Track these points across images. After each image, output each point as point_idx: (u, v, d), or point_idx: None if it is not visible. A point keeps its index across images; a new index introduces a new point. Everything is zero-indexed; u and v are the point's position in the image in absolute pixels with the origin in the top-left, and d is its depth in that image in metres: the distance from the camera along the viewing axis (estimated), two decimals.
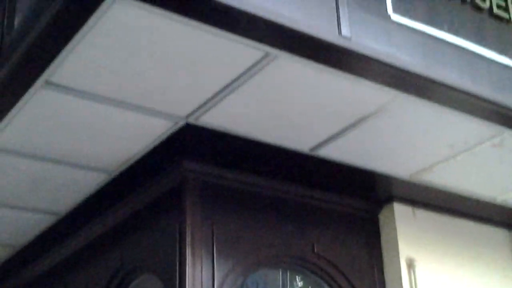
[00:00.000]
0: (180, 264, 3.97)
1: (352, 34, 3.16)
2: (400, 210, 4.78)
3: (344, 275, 4.40)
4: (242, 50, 3.16)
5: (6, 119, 3.71)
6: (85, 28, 2.95)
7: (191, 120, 3.77)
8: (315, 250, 4.36)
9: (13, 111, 3.64)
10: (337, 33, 3.13)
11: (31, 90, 3.45)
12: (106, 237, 4.76)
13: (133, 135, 3.95)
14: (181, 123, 3.81)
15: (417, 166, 4.32)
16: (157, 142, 4.02)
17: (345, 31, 3.12)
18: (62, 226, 5.04)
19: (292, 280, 4.56)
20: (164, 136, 3.97)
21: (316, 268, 4.37)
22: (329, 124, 3.81)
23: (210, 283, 3.97)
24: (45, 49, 3.15)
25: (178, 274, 3.95)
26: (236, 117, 3.74)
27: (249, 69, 3.32)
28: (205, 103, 3.61)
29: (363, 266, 4.56)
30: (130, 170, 4.30)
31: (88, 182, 4.47)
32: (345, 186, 4.53)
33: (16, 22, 3.55)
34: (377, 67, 3.30)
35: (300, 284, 4.63)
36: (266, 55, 3.19)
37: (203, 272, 3.96)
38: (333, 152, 4.10)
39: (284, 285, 4.51)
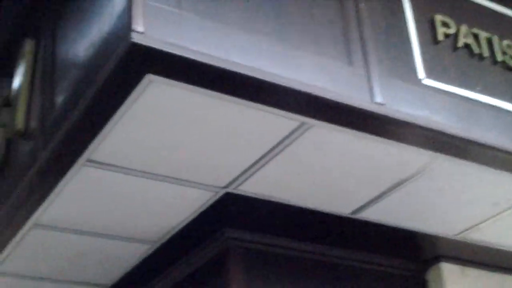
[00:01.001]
0: None
1: (385, 100, 3.17)
2: (448, 269, 4.69)
3: None
4: (278, 121, 3.19)
5: (50, 197, 3.79)
6: (122, 108, 3.02)
7: (231, 190, 3.80)
8: None
9: (57, 189, 3.72)
10: (369, 100, 3.14)
11: (74, 168, 3.52)
12: None
13: (174, 206, 3.99)
14: (221, 192, 3.84)
15: (462, 225, 4.26)
16: (198, 212, 4.04)
17: (378, 98, 3.13)
18: None
19: None
20: (205, 206, 3.99)
21: None
22: (368, 188, 3.79)
23: None
24: (85, 129, 3.23)
25: None
26: (275, 185, 3.75)
27: (285, 138, 3.34)
28: (243, 173, 3.63)
29: None
30: (173, 241, 4.33)
31: (131, 254, 4.51)
32: (390, 247, 4.47)
33: (57, 103, 3.65)
34: (413, 130, 3.29)
35: None
36: (302, 124, 3.22)
37: None
38: (375, 214, 4.07)
39: None
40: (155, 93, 2.94)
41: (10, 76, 4.45)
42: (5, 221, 4.16)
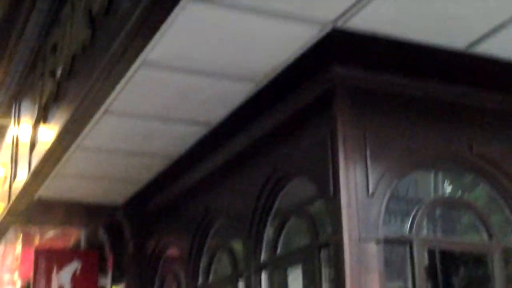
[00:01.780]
0: (333, 168, 4.01)
1: None
2: None
3: (507, 173, 4.28)
4: None
5: (157, 34, 3.80)
6: None
7: (338, 25, 3.70)
8: (474, 149, 4.25)
9: (164, 26, 3.72)
10: None
11: (181, 4, 3.49)
12: (256, 145, 4.85)
13: (280, 43, 3.95)
14: (328, 28, 3.76)
15: None
16: (304, 49, 4.00)
17: None
18: (213, 136, 5.18)
19: (442, 183, 4.50)
20: (311, 43, 3.94)
21: (474, 168, 4.28)
22: (489, 16, 3.60)
23: (364, 186, 3.99)
24: None
25: (332, 178, 3.99)
26: (386, 18, 3.64)
27: None
28: (352, 7, 3.52)
29: None
30: (278, 79, 4.33)
31: (237, 93, 4.55)
32: (504, 83, 4.33)
33: None
34: None
35: (449, 188, 4.57)
36: None
37: (356, 176, 3.98)
38: (492, 48, 3.90)
39: (436, 189, 4.46)
40: None
41: None
42: (114, 60, 4.22)
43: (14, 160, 7.13)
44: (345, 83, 4.04)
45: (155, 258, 6.58)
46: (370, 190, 3.99)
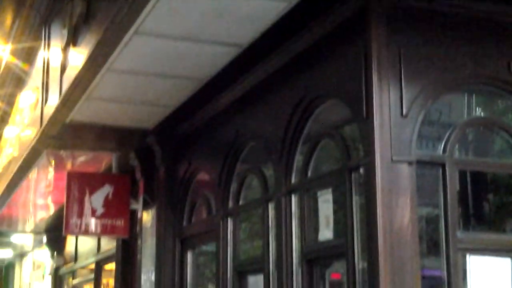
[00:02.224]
0: (366, 88, 3.95)
1: None
2: None
3: None
4: None
5: None
6: None
7: None
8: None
9: None
10: None
11: None
12: (288, 67, 4.79)
13: None
14: None
15: None
16: None
17: None
18: (245, 58, 5.11)
19: (476, 105, 4.41)
20: None
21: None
22: None
23: (398, 107, 3.93)
24: None
25: (365, 98, 3.94)
26: None
27: None
28: None
29: None
30: None
31: (269, 12, 4.46)
32: None
33: None
34: None
35: (483, 111, 4.48)
36: None
37: (390, 96, 3.92)
38: None
39: (469, 111, 4.38)
40: None
41: None
42: None
43: (45, 85, 7.15)
44: (380, 1, 3.94)
45: (185, 183, 6.63)
46: (404, 111, 3.93)
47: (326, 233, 4.51)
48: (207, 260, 6.69)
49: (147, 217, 7.06)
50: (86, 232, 7.40)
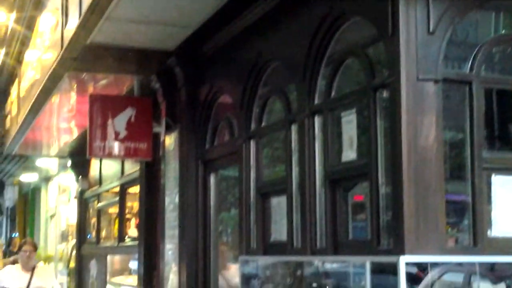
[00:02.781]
0: (392, 6, 3.84)
1: None
2: None
3: None
4: None
5: None
6: None
7: None
8: None
9: None
10: None
11: None
12: None
13: None
14: None
15: None
16: None
17: None
18: None
19: (503, 24, 4.28)
20: None
21: None
22: None
23: (425, 24, 3.84)
24: None
25: (391, 15, 3.84)
26: None
27: None
28: None
29: None
30: None
31: None
32: None
33: None
34: None
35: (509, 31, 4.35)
36: None
37: (417, 12, 3.82)
38: None
39: (496, 29, 4.25)
40: None
41: None
42: None
43: (65, 6, 7.06)
44: None
45: (207, 105, 6.59)
46: (431, 28, 3.84)
47: (349, 154, 4.47)
48: (230, 183, 6.71)
49: (169, 140, 7.06)
50: (110, 155, 7.43)
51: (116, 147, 7.33)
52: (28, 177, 17.13)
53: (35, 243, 7.99)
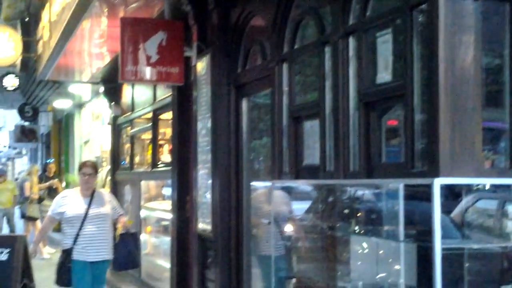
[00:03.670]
0: None
1: None
2: None
3: None
4: None
5: None
6: None
7: None
8: None
9: None
10: None
11: None
12: None
13: None
14: None
15: None
16: None
17: None
18: None
19: None
20: None
21: None
22: None
23: None
24: None
25: None
26: None
27: None
28: None
29: None
30: None
31: None
32: None
33: None
34: None
35: None
36: None
37: None
38: None
39: None
40: None
41: None
42: None
43: None
44: None
45: (239, 28, 6.49)
46: None
47: (384, 76, 4.38)
48: (262, 110, 6.66)
49: (201, 64, 6.99)
50: (142, 79, 7.41)
51: (147, 71, 7.30)
52: (61, 104, 17.26)
53: (95, 165, 7.18)
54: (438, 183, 3.56)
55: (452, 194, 3.97)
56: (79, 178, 6.95)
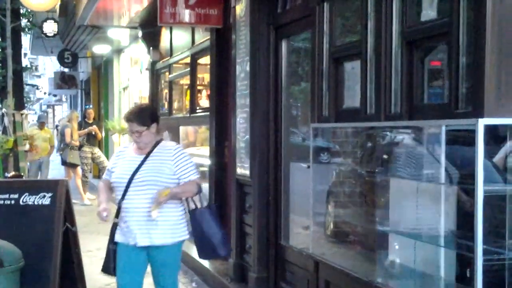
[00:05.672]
0: None
1: None
2: None
3: None
4: None
5: None
6: None
7: None
8: None
9: None
10: None
11: None
12: None
13: None
14: None
15: None
16: None
17: None
18: None
19: None
20: None
21: None
22: None
23: None
24: None
25: None
26: None
27: None
28: None
29: None
30: None
31: None
32: None
33: None
34: None
35: None
36: None
37: None
38: None
39: None
40: None
41: None
42: None
43: None
44: None
45: None
46: None
47: (429, 13, 4.24)
48: (301, 54, 6.56)
49: (240, 6, 6.89)
50: (180, 22, 7.35)
51: (186, 13, 7.23)
52: (100, 49, 17.28)
53: (145, 113, 5.05)
54: (482, 123, 3.46)
55: (495, 138, 3.87)
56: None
